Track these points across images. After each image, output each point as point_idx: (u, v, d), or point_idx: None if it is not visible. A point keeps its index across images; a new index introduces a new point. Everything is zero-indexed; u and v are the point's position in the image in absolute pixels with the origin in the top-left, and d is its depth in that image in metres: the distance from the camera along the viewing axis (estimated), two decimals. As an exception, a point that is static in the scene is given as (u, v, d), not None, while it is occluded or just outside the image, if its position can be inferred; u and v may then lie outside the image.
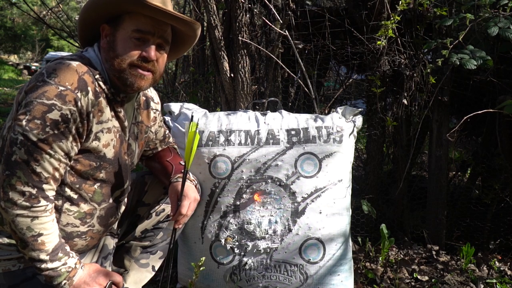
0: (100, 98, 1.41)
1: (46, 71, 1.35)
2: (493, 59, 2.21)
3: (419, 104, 2.65)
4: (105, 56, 1.45)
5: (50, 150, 1.31)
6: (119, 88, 1.47)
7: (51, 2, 8.21)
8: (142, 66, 1.43)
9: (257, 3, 2.64)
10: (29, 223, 1.31)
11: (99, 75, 1.42)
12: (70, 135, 1.34)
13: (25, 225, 1.31)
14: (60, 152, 1.33)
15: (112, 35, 1.44)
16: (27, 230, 1.31)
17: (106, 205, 1.54)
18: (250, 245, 1.91)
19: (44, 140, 1.30)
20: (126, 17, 1.43)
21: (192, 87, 3.75)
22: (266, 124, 1.99)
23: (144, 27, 1.42)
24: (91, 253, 1.59)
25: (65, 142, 1.33)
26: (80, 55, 1.45)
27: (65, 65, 1.37)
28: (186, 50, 1.67)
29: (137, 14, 1.41)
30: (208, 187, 1.93)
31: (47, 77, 1.33)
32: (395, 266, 2.35)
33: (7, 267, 1.42)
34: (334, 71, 3.31)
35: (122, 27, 1.43)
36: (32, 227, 1.31)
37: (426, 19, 2.51)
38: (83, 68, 1.39)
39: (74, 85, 1.34)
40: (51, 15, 5.83)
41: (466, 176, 3.14)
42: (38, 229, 1.32)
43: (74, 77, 1.35)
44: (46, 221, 1.33)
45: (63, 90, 1.32)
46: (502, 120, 2.47)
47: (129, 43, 1.41)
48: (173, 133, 2.00)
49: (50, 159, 1.32)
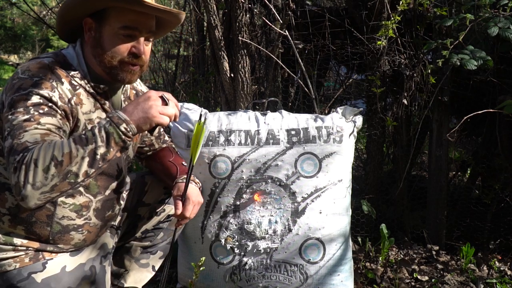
0: (78, 90, 1.41)
1: (21, 69, 1.37)
2: (493, 59, 2.20)
3: (419, 104, 2.65)
4: (92, 52, 1.43)
5: (36, 125, 1.25)
6: (102, 81, 1.46)
7: (51, 2, 8.21)
8: (132, 63, 1.43)
9: (257, 3, 2.64)
10: (39, 156, 1.18)
11: (74, 72, 1.42)
12: (56, 114, 1.31)
13: (42, 165, 1.17)
14: (49, 125, 1.27)
15: (98, 31, 1.41)
16: (50, 163, 1.18)
17: (102, 197, 1.53)
18: (250, 245, 1.91)
19: (29, 119, 1.25)
20: (112, 12, 1.39)
21: (192, 87, 3.75)
22: (266, 124, 1.99)
23: (132, 23, 1.40)
24: (89, 249, 1.57)
25: (53, 118, 1.30)
26: (55, 53, 1.46)
27: (37, 63, 1.39)
28: (166, 33, 1.66)
29: (123, 9, 1.38)
30: (208, 187, 1.93)
31: (21, 74, 1.35)
32: (395, 266, 2.35)
33: (3, 267, 1.42)
34: (334, 71, 3.30)
35: (108, 23, 1.40)
36: (45, 159, 1.18)
37: (426, 19, 2.51)
38: (56, 65, 1.40)
39: (48, 76, 1.35)
40: (51, 15, 5.83)
41: (466, 176, 3.14)
42: (48, 155, 1.19)
43: (47, 71, 1.36)
44: (41, 146, 1.21)
45: (37, 80, 1.33)
46: (502, 120, 2.47)
47: (117, 39, 1.40)
48: (173, 133, 2.00)
49: (35, 129, 1.24)
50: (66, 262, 1.48)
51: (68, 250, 1.50)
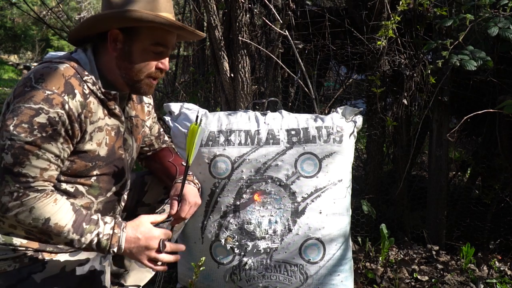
0: (89, 99, 1.41)
1: (34, 76, 1.36)
2: (493, 59, 2.20)
3: (419, 104, 2.65)
4: (118, 63, 1.46)
5: (37, 151, 1.30)
6: (112, 87, 1.48)
7: (51, 2, 8.22)
8: (156, 77, 1.49)
9: (257, 3, 2.64)
10: (30, 215, 1.31)
11: (87, 77, 1.42)
12: (59, 137, 1.34)
13: (29, 219, 1.30)
14: (49, 153, 1.33)
15: (127, 45, 1.43)
16: (34, 222, 1.31)
17: (104, 199, 1.53)
18: (250, 245, 1.91)
19: (32, 142, 1.29)
20: (144, 29, 1.43)
21: (192, 87, 3.75)
22: (266, 124, 1.99)
23: (162, 40, 1.45)
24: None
25: (54, 144, 1.33)
26: (68, 57, 1.45)
27: (52, 70, 1.38)
28: None
29: (155, 28, 1.42)
30: (208, 187, 1.93)
31: (35, 83, 1.34)
32: (395, 266, 2.35)
33: (3, 268, 1.42)
34: (334, 71, 3.30)
35: (139, 39, 1.43)
36: (36, 216, 1.31)
37: (426, 19, 2.51)
38: (69, 72, 1.39)
39: (61, 89, 1.35)
40: (51, 15, 5.84)
41: (466, 176, 3.14)
42: (42, 216, 1.31)
43: (61, 81, 1.36)
44: (45, 205, 1.32)
45: (49, 94, 1.32)
46: (502, 120, 2.47)
47: (148, 56, 1.44)
48: (173, 133, 2.00)
49: (37, 160, 1.31)
50: (65, 262, 1.48)
51: (68, 251, 1.50)
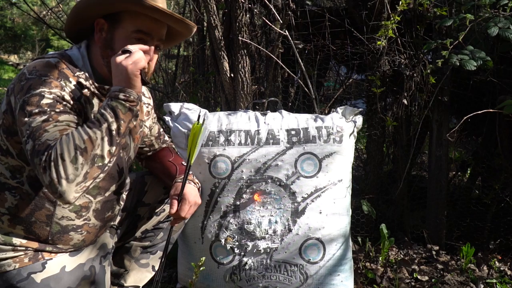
0: (84, 90, 1.41)
1: (27, 69, 1.37)
2: (493, 59, 2.20)
3: (419, 104, 2.65)
4: (101, 53, 1.44)
5: (55, 123, 1.27)
6: (106, 82, 1.46)
7: (51, 2, 8.21)
8: None
9: (257, 3, 2.64)
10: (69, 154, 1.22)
11: (79, 72, 1.42)
12: (71, 111, 1.33)
13: (69, 158, 1.21)
14: (67, 121, 1.29)
15: (110, 32, 1.43)
16: (76, 153, 1.21)
17: (102, 198, 1.53)
18: (250, 245, 1.91)
19: (48, 119, 1.27)
20: (127, 15, 1.41)
21: (192, 87, 3.74)
22: (266, 124, 1.99)
23: (145, 28, 1.41)
24: (88, 249, 1.57)
25: (70, 115, 1.32)
26: (60, 53, 1.46)
27: (44, 62, 1.39)
28: (174, 44, 1.68)
29: (139, 14, 1.40)
30: (208, 187, 1.93)
31: (29, 75, 1.34)
32: (395, 266, 2.35)
33: (3, 268, 1.42)
34: (334, 71, 3.30)
35: (121, 25, 1.42)
36: (69, 151, 1.21)
37: (426, 19, 2.51)
38: (62, 65, 1.40)
39: (56, 75, 1.35)
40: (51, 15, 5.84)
41: (466, 176, 3.14)
42: (71, 146, 1.22)
43: (55, 70, 1.37)
44: (61, 140, 1.24)
45: (46, 79, 1.33)
46: (502, 120, 2.46)
47: (128, 43, 1.40)
48: (173, 133, 2.00)
49: (55, 127, 1.27)
50: (65, 262, 1.48)
51: (67, 251, 1.50)
